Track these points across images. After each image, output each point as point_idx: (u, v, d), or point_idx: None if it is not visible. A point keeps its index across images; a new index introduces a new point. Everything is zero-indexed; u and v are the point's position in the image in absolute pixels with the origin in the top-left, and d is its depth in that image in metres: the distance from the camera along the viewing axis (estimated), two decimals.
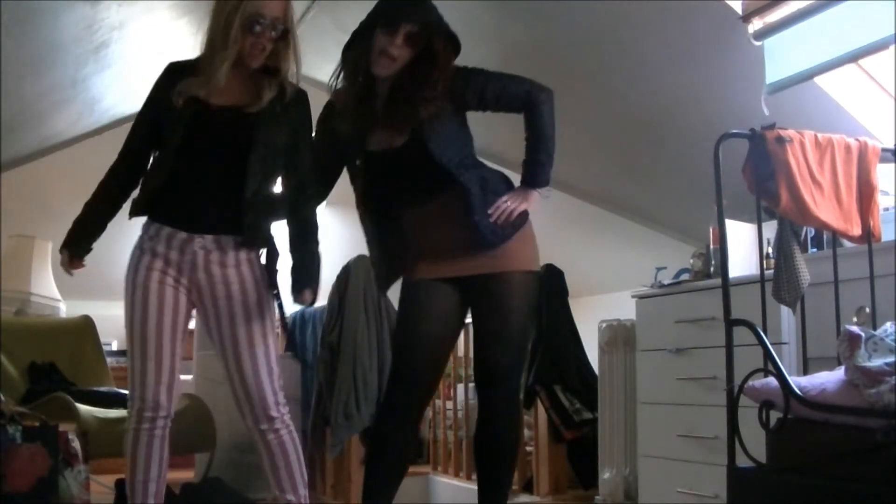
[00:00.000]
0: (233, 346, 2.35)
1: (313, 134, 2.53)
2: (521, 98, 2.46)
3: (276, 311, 2.45)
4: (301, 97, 2.45)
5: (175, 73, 2.40)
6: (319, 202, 2.58)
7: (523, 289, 2.49)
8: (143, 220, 2.43)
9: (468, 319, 2.61)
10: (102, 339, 4.56)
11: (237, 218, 2.34)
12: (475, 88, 2.43)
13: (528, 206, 2.49)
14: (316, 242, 2.46)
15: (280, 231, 2.50)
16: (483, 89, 2.43)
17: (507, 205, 2.44)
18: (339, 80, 2.51)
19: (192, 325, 4.94)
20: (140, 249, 2.38)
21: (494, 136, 2.69)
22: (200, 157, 2.33)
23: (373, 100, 2.46)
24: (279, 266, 2.46)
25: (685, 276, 3.43)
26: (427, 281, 2.50)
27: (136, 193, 2.44)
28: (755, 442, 2.09)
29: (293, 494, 2.43)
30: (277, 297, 2.45)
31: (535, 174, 2.50)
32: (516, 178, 2.62)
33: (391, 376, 2.55)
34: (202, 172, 2.34)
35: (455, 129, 2.47)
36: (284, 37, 2.35)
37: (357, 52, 2.43)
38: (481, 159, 2.60)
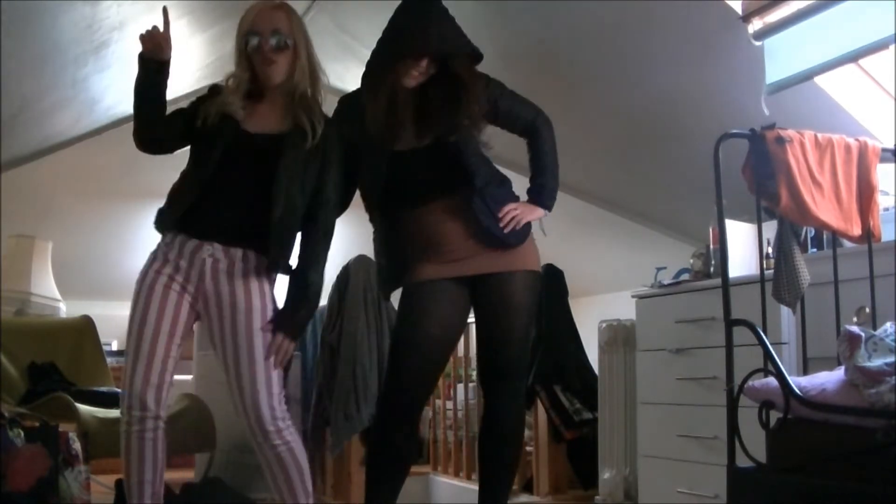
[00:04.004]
0: (234, 359, 2.34)
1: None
2: (527, 122, 2.59)
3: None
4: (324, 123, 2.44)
5: (215, 92, 2.44)
6: (341, 212, 2.58)
7: (530, 288, 2.57)
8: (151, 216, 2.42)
9: (471, 319, 2.63)
10: (102, 339, 4.56)
11: (257, 237, 2.35)
12: (491, 99, 2.53)
13: (534, 218, 2.58)
14: (321, 262, 2.45)
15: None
16: (496, 101, 2.54)
17: (517, 212, 2.52)
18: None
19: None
20: (155, 254, 2.41)
21: (494, 137, 2.70)
22: (228, 176, 2.35)
23: (396, 106, 2.48)
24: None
25: (685, 276, 3.43)
26: (431, 282, 2.51)
27: (163, 205, 2.45)
28: (755, 442, 2.09)
29: None
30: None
31: (543, 196, 2.60)
32: (515, 178, 2.64)
33: (390, 377, 2.56)
34: (227, 189, 2.36)
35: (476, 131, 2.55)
36: (292, 49, 2.36)
37: (380, 74, 2.47)
38: None
